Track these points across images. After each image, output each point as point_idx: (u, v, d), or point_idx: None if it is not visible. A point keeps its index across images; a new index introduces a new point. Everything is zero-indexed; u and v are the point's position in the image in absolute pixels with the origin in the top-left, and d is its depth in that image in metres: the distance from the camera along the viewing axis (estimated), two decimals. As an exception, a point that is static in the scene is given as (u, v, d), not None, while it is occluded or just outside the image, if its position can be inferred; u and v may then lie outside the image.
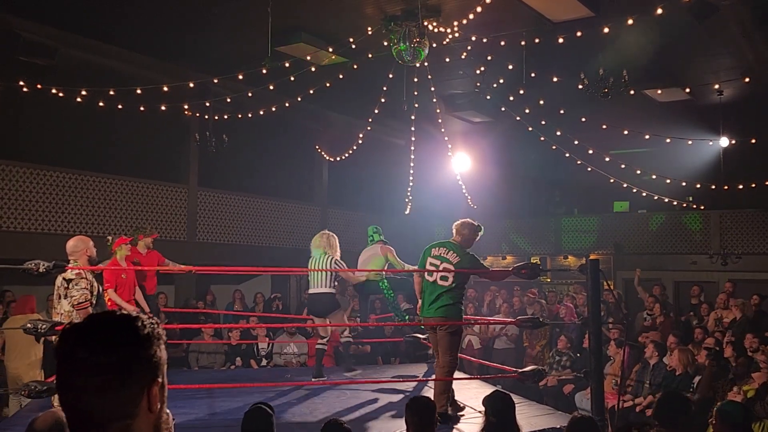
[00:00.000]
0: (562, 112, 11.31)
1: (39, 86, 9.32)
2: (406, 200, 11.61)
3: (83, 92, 9.54)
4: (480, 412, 4.42)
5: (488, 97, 11.41)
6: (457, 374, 8.40)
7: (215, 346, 10.61)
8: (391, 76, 9.76)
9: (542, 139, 11.41)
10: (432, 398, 4.22)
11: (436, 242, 6.20)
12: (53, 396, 5.60)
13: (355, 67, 10.03)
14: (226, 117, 11.24)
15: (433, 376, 8.28)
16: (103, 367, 1.23)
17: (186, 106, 10.74)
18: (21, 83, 9.36)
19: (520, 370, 6.55)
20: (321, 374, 7.70)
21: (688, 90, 11.83)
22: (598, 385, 5.98)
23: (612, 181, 12.16)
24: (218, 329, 10.84)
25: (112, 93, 9.65)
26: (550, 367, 9.61)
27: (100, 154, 11.55)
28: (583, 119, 11.68)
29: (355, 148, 12.34)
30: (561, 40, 8.98)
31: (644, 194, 12.49)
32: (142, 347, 1.28)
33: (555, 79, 10.15)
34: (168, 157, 12.75)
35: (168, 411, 1.39)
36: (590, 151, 11.60)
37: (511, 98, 11.04)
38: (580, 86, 9.58)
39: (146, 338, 1.29)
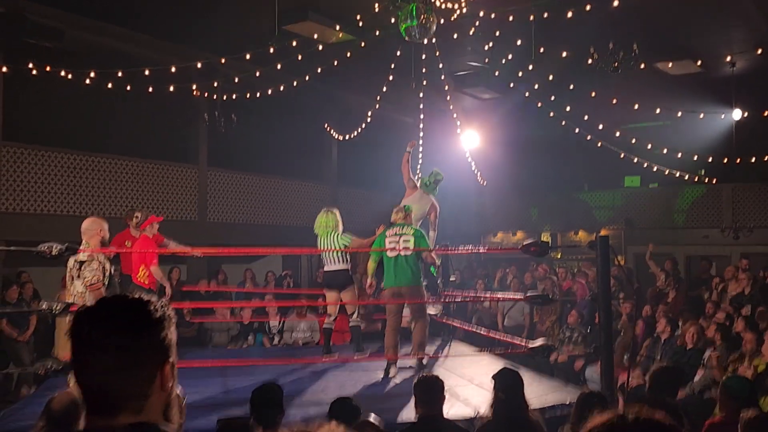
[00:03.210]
0: (571, 87, 11.21)
1: (47, 69, 9.34)
2: (416, 178, 11.59)
3: (91, 74, 9.55)
4: (488, 389, 4.45)
5: (497, 74, 11.32)
6: (466, 349, 8.48)
7: (227, 324, 10.72)
8: (399, 53, 9.69)
9: (552, 114, 11.34)
10: (439, 376, 4.26)
11: (388, 228, 7.14)
12: (69, 375, 5.70)
13: (363, 45, 9.97)
14: (234, 97, 11.22)
15: (444, 352, 8.39)
16: (117, 348, 1.29)
17: (194, 87, 10.73)
18: (29, 66, 9.38)
19: (530, 345, 6.59)
20: (330, 351, 7.77)
21: (699, 63, 11.69)
22: (607, 361, 6.01)
23: (623, 156, 12.09)
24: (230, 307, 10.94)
25: (120, 75, 9.66)
26: (561, 342, 9.64)
27: (110, 136, 11.59)
28: (593, 94, 11.58)
29: (363, 126, 12.30)
30: (570, 15, 8.89)
31: (655, 169, 12.40)
32: (154, 329, 1.34)
33: (564, 54, 10.05)
34: (177, 137, 12.78)
35: (179, 390, 1.44)
36: (600, 126, 11.52)
37: (520, 74, 10.96)
38: (590, 61, 9.49)
39: (158, 321, 1.35)
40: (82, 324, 1.32)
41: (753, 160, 12.18)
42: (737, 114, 12.39)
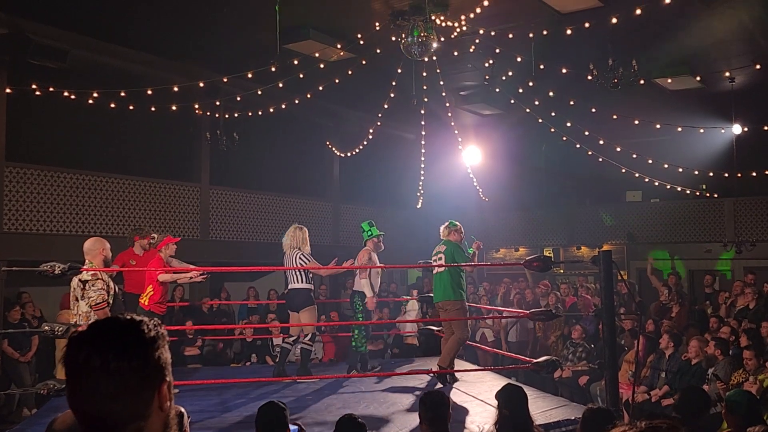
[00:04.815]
0: (572, 103, 11.27)
1: (51, 89, 9.40)
2: (418, 194, 11.64)
3: (95, 94, 9.62)
4: (493, 406, 4.44)
5: (498, 90, 11.39)
6: (471, 366, 8.45)
7: (230, 342, 10.70)
8: (399, 71, 9.76)
9: (552, 130, 11.38)
10: (445, 394, 4.25)
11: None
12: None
13: (364, 62, 10.04)
14: (236, 115, 11.29)
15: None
16: (116, 373, 1.26)
17: (196, 106, 10.80)
18: (33, 86, 9.45)
19: (535, 361, 6.56)
20: (283, 373, 7.44)
21: (699, 78, 11.75)
22: (612, 376, 5.98)
23: (624, 171, 12.12)
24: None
25: (123, 94, 9.72)
26: (565, 358, 9.60)
27: (113, 155, 11.64)
28: (593, 110, 11.63)
29: (365, 143, 12.36)
30: (569, 32, 8.96)
31: (657, 183, 12.43)
32: (150, 350, 1.31)
33: (564, 71, 10.11)
34: (180, 156, 12.83)
35: (183, 410, 1.42)
36: (601, 142, 11.55)
37: (521, 90, 11.02)
38: (590, 77, 9.54)
39: (152, 341, 1.32)
40: (79, 350, 1.28)
41: (754, 174, 12.19)
42: (737, 129, 12.43)
